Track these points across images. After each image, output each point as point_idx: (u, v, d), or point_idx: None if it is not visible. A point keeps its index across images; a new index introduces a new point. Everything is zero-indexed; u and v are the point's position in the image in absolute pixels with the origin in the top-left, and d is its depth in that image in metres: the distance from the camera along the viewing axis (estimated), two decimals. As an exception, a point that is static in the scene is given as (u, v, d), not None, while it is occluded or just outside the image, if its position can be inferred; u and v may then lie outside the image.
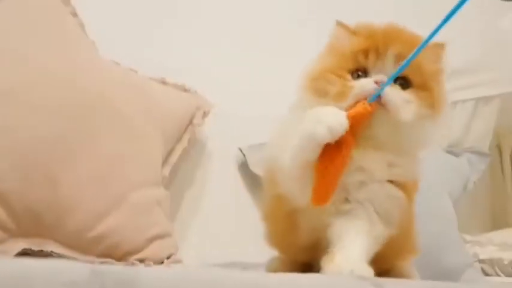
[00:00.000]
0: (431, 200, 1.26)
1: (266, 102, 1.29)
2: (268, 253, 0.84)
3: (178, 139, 1.09)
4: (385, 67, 0.61)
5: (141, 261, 0.84)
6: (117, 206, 0.85)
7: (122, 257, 0.84)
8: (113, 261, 0.82)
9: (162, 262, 0.87)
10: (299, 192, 0.61)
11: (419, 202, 1.24)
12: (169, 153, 1.05)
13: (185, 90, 1.16)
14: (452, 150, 1.45)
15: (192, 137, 1.13)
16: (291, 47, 1.44)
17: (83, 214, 0.82)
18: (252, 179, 1.27)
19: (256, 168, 1.23)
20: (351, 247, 0.59)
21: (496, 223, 1.66)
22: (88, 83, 0.92)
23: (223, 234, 1.21)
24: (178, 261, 0.89)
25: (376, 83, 0.60)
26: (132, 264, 0.83)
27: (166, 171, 1.03)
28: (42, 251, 0.79)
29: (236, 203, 1.26)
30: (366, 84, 0.60)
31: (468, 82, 1.49)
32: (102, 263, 0.81)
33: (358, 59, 0.63)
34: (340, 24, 0.68)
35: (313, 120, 0.58)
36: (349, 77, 0.62)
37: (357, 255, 0.58)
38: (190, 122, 1.12)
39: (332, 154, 0.57)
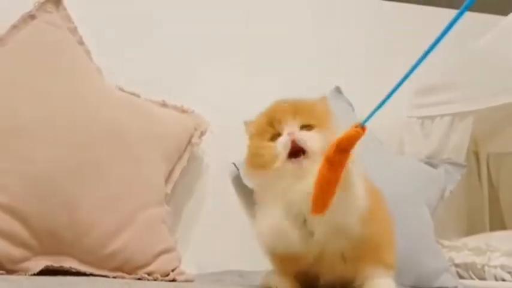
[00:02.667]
0: (409, 209, 1.35)
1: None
2: (263, 261, 0.94)
3: (179, 158, 1.17)
4: (288, 124, 0.78)
5: (149, 274, 0.94)
6: (127, 225, 0.93)
7: (132, 271, 0.93)
8: (124, 275, 0.92)
9: (168, 275, 0.96)
10: None
11: (398, 211, 1.34)
12: (170, 172, 1.14)
13: (183, 111, 1.24)
14: (430, 162, 1.53)
15: (191, 155, 1.22)
16: (282, 64, 1.53)
17: (97, 233, 0.91)
18: (245, 191, 1.36)
19: (249, 181, 1.32)
20: None
21: (473, 228, 1.73)
22: (97, 112, 1.00)
23: (220, 243, 1.30)
24: (182, 273, 0.99)
25: (289, 134, 0.76)
26: (141, 277, 0.92)
27: (169, 189, 1.12)
28: (62, 267, 0.88)
29: (231, 213, 1.35)
30: (282, 140, 0.77)
31: (445, 98, 1.57)
32: (115, 277, 0.90)
33: (268, 130, 0.80)
34: (246, 122, 0.87)
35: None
36: (271, 143, 0.78)
37: None
38: (189, 142, 1.20)
39: (327, 174, 0.69)
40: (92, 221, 0.91)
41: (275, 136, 0.79)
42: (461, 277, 1.41)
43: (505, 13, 1.58)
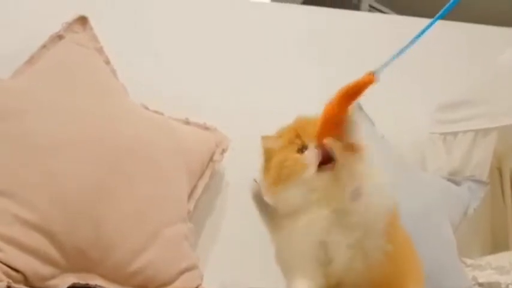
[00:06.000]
0: (432, 226, 1.34)
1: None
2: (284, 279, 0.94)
3: (201, 175, 1.19)
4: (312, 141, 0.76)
5: (173, 292, 0.95)
6: (151, 243, 0.95)
7: (156, 288, 0.94)
8: (149, 292, 0.93)
9: (191, 292, 0.97)
10: None
11: (421, 228, 1.33)
12: (193, 189, 1.15)
13: (206, 128, 1.26)
14: (453, 179, 1.52)
15: (213, 172, 1.24)
16: (302, 82, 1.54)
17: (122, 251, 0.92)
18: (266, 208, 1.37)
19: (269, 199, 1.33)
20: None
21: (497, 246, 1.71)
22: (123, 130, 1.03)
23: (241, 260, 1.30)
24: (204, 291, 1.00)
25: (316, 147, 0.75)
26: (165, 295, 0.94)
27: (191, 205, 1.13)
28: (88, 284, 0.90)
29: (252, 230, 1.36)
30: (310, 152, 0.76)
31: (468, 114, 1.56)
32: (139, 294, 0.92)
33: (296, 142, 0.78)
34: (264, 137, 0.85)
35: None
36: (298, 155, 0.77)
37: None
38: (211, 159, 1.22)
39: (333, 110, 0.72)
40: (118, 238, 0.93)
41: (302, 149, 0.77)
42: (485, 297, 1.39)
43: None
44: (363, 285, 0.80)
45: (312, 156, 0.75)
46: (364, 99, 1.61)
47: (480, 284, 1.41)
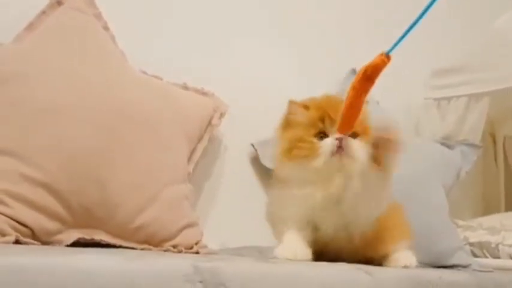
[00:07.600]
0: (425, 189, 1.38)
1: (277, 100, 1.43)
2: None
3: (200, 139, 1.21)
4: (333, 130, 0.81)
5: (174, 247, 0.99)
6: (153, 202, 0.98)
7: (158, 243, 0.98)
8: (151, 247, 0.97)
9: (192, 247, 1.01)
10: None
11: (415, 191, 1.37)
12: (192, 152, 1.18)
13: (204, 93, 1.29)
14: (446, 143, 1.56)
15: (211, 136, 1.27)
16: (300, 47, 1.56)
17: (126, 209, 0.95)
18: (263, 171, 1.41)
19: (267, 162, 1.37)
20: None
21: (488, 208, 1.76)
22: (124, 95, 1.04)
23: (238, 220, 1.34)
24: (205, 247, 1.04)
25: (337, 139, 0.79)
26: (167, 250, 0.98)
27: (191, 168, 1.17)
28: (93, 239, 0.93)
29: (249, 192, 1.40)
30: (329, 142, 0.80)
31: (462, 80, 1.59)
32: (142, 249, 0.95)
33: (317, 126, 0.82)
34: (293, 102, 0.87)
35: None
36: (315, 140, 0.81)
37: None
38: (209, 123, 1.25)
39: (354, 98, 0.73)
40: (121, 198, 0.96)
41: (321, 133, 0.82)
42: (475, 256, 1.43)
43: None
44: (346, 251, 0.85)
45: (327, 148, 0.79)
46: (359, 65, 1.63)
47: (471, 244, 1.46)
